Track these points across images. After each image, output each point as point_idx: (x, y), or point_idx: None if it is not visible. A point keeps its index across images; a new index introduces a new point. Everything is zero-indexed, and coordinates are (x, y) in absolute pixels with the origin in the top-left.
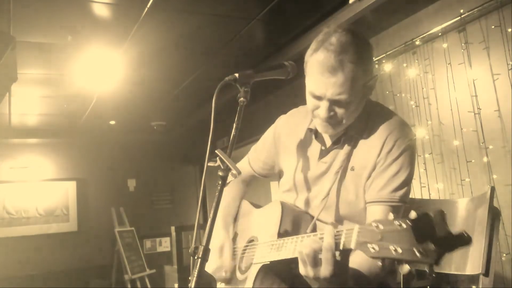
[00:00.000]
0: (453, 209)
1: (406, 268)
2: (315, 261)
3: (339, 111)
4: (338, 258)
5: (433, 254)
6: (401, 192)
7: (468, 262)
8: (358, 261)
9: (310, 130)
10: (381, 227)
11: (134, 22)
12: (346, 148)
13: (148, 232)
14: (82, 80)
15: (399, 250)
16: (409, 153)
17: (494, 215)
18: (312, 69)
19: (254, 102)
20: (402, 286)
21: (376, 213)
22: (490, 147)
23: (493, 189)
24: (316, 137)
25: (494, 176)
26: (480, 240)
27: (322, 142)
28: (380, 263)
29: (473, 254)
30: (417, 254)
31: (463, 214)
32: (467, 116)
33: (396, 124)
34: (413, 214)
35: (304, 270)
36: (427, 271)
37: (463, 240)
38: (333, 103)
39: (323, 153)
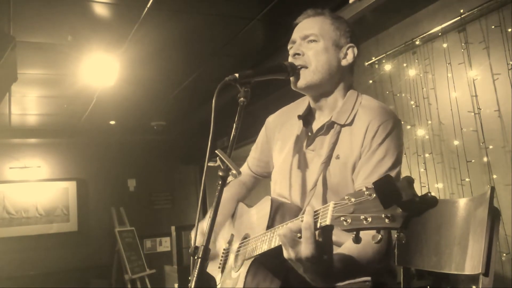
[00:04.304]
0: (453, 209)
1: (377, 236)
2: (293, 241)
3: (308, 52)
4: (318, 238)
5: (400, 219)
6: None
7: (468, 262)
8: (348, 246)
9: (299, 116)
10: (352, 199)
11: (134, 22)
12: (331, 135)
13: (148, 232)
14: (82, 80)
15: (369, 219)
16: (394, 136)
17: (494, 215)
18: (294, 30)
19: (254, 102)
20: (402, 286)
21: None
22: (490, 147)
23: (493, 189)
24: (304, 124)
25: (494, 176)
26: (480, 240)
27: (310, 129)
28: (353, 237)
29: (473, 254)
30: (386, 220)
31: (463, 214)
32: (467, 116)
33: (378, 110)
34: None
35: (286, 252)
36: (397, 236)
37: (429, 201)
38: (303, 39)
39: (309, 141)
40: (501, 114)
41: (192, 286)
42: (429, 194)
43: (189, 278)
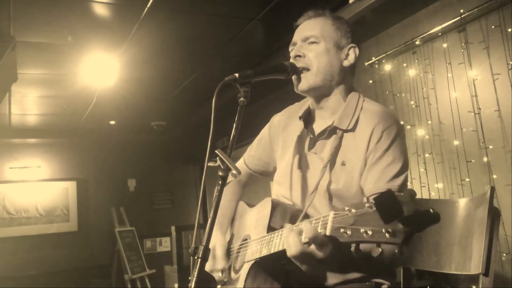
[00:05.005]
0: (453, 209)
1: (377, 250)
2: (305, 255)
3: (308, 53)
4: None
5: (401, 234)
6: (399, 181)
7: (467, 262)
8: None
9: (300, 118)
10: (353, 211)
11: (134, 22)
12: (333, 140)
13: (148, 232)
14: (82, 80)
15: (370, 233)
16: (399, 141)
17: (494, 215)
18: (295, 31)
19: (254, 102)
20: (402, 286)
21: None
22: (490, 147)
23: (493, 189)
24: (305, 126)
25: (494, 176)
26: (480, 240)
27: (311, 131)
28: (352, 249)
29: (473, 254)
30: (386, 235)
31: (463, 214)
32: (467, 116)
33: (380, 115)
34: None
35: (304, 265)
36: (396, 252)
37: (431, 218)
38: (303, 40)
39: (311, 143)
40: (501, 114)
41: (192, 286)
42: (431, 210)
43: (189, 278)
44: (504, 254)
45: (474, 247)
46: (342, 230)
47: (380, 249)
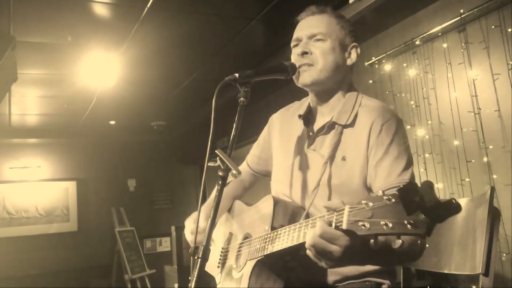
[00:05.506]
0: None
1: (398, 242)
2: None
3: (315, 51)
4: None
5: (423, 225)
6: (408, 174)
7: (468, 262)
8: None
9: (299, 116)
10: (370, 204)
11: (134, 22)
12: (332, 135)
13: (148, 232)
14: (82, 80)
15: (390, 225)
16: (401, 135)
17: (494, 215)
18: (298, 27)
19: (254, 102)
20: (402, 286)
21: None
22: (490, 147)
23: (493, 189)
24: (305, 124)
25: (494, 176)
26: (480, 240)
27: (311, 129)
28: (372, 241)
29: (473, 254)
30: (408, 226)
31: (463, 214)
32: (467, 116)
33: (379, 110)
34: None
35: (323, 260)
36: (419, 242)
37: (453, 208)
38: (309, 37)
39: (310, 140)
40: (501, 114)
41: (192, 286)
42: (453, 200)
43: (189, 278)
44: (504, 254)
45: (474, 247)
46: (360, 223)
47: (401, 241)
